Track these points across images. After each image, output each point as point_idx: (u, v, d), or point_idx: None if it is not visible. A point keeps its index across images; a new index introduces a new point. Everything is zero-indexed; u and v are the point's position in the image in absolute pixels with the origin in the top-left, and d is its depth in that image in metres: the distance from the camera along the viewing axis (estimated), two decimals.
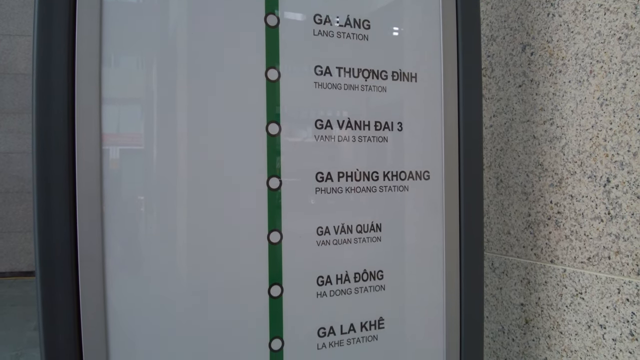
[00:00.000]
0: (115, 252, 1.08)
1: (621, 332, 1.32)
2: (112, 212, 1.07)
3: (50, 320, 1.04)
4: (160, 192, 1.12)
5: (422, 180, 1.34)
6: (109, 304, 1.07)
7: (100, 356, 1.07)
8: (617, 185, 1.33)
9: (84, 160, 1.04)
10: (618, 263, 1.33)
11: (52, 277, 1.04)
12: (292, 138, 1.21)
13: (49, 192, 1.03)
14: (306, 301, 1.24)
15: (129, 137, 1.11)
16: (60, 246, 1.03)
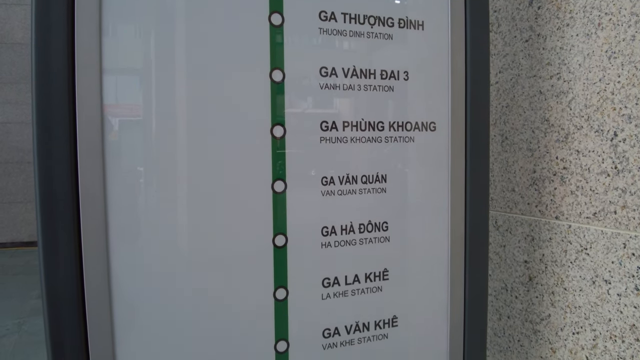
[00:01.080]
0: (118, 231, 1.07)
1: (626, 287, 1.32)
2: (114, 186, 1.06)
3: (54, 292, 1.04)
4: (161, 169, 1.11)
5: (428, 131, 1.33)
6: (113, 280, 1.07)
7: (104, 329, 1.07)
8: (624, 139, 1.31)
9: (85, 132, 1.02)
10: (624, 217, 1.32)
11: (55, 249, 1.03)
12: (295, 86, 1.19)
13: (50, 165, 1.01)
14: (311, 251, 1.24)
15: (129, 108, 1.10)
16: (63, 218, 1.02)
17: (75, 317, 1.05)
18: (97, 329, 1.07)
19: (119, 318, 1.08)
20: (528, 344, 1.63)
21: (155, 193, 1.11)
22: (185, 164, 1.12)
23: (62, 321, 1.05)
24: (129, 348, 1.10)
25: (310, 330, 1.26)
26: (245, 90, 1.15)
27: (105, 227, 1.05)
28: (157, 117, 1.10)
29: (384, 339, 1.34)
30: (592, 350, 1.42)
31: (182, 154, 1.12)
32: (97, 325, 1.06)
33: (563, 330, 1.50)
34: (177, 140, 1.11)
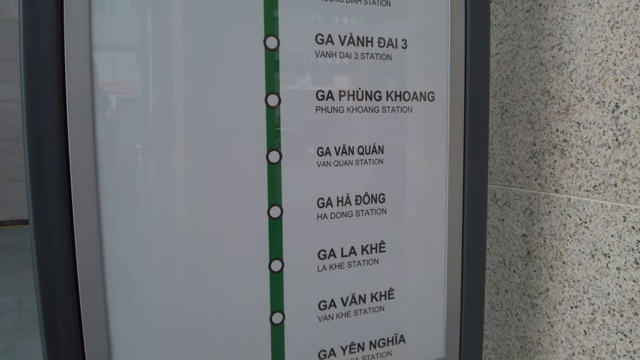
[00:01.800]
0: (111, 205, 1.06)
1: (626, 260, 1.31)
2: (106, 162, 1.04)
3: (46, 269, 1.03)
4: (153, 142, 1.09)
5: (426, 101, 1.31)
6: (106, 257, 1.06)
7: (98, 304, 1.06)
8: (626, 110, 1.29)
9: (76, 106, 1.00)
10: (624, 190, 1.31)
11: (46, 227, 1.02)
12: (290, 54, 1.17)
13: (39, 142, 1.00)
14: (306, 223, 1.23)
15: (121, 85, 1.08)
16: (54, 195, 1.01)
17: (69, 297, 1.04)
18: (90, 305, 1.06)
19: (111, 294, 1.08)
20: (526, 318, 1.63)
21: (147, 166, 1.10)
22: (177, 136, 1.10)
23: (55, 300, 1.04)
24: (123, 323, 1.09)
25: (306, 302, 1.26)
26: (239, 59, 1.12)
27: (97, 201, 1.04)
28: (150, 91, 1.08)
29: (380, 311, 1.34)
30: (590, 324, 1.42)
31: (174, 126, 1.10)
32: (90, 301, 1.06)
33: (561, 304, 1.50)
34: (170, 113, 1.09)
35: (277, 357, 1.24)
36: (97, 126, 1.02)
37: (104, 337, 1.08)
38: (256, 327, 1.21)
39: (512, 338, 1.69)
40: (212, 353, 1.18)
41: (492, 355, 1.77)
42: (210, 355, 1.18)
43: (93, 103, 1.01)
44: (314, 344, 1.28)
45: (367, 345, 1.34)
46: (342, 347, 1.31)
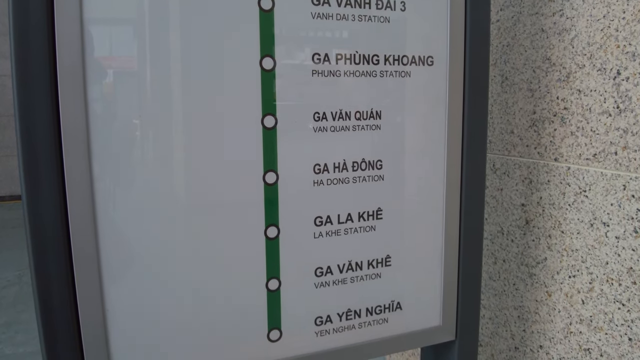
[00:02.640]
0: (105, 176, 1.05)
1: (625, 229, 1.31)
2: (98, 138, 1.03)
3: (39, 240, 1.03)
4: (147, 108, 1.08)
5: (425, 66, 1.29)
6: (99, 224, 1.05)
7: (92, 271, 1.06)
8: (627, 77, 1.28)
9: (67, 75, 0.98)
10: (625, 158, 1.30)
11: (38, 197, 1.01)
12: (284, 15, 1.15)
13: (32, 122, 0.98)
14: (303, 189, 1.23)
15: (118, 60, 1.06)
16: (46, 165, 1.00)
17: (63, 264, 1.04)
18: (84, 274, 1.06)
19: (105, 262, 1.08)
20: (523, 288, 1.63)
21: (141, 133, 1.08)
22: (172, 104, 1.09)
23: (49, 269, 1.03)
24: (118, 291, 1.10)
25: (302, 269, 1.26)
26: (232, 22, 1.10)
27: (90, 170, 1.03)
28: (147, 62, 1.06)
29: (377, 278, 1.34)
30: (588, 293, 1.42)
31: (168, 94, 1.08)
32: (84, 270, 1.06)
33: (559, 273, 1.50)
34: (163, 82, 1.08)
35: (273, 323, 1.24)
36: (89, 98, 1.01)
37: (98, 303, 1.07)
38: (252, 293, 1.21)
39: (510, 307, 1.69)
40: (208, 320, 1.18)
41: (489, 324, 1.78)
42: (206, 323, 1.18)
43: (84, 73, 0.99)
44: (311, 311, 1.28)
45: (363, 312, 1.34)
46: (339, 314, 1.31)
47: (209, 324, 1.18)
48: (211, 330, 1.19)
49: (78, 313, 1.06)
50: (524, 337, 1.65)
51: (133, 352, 1.13)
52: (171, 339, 1.16)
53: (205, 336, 1.19)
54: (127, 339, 1.12)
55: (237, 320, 1.21)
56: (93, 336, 1.08)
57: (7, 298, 4.96)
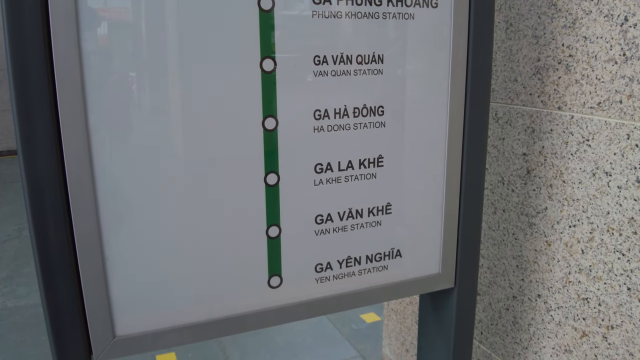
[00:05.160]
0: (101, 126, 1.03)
1: (627, 179, 1.31)
2: (94, 89, 1.01)
3: (36, 189, 1.02)
4: (144, 63, 1.06)
5: (429, 7, 1.26)
6: None
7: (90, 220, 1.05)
8: (635, 24, 1.25)
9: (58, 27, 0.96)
10: (630, 107, 1.28)
11: (33, 148, 1.00)
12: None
13: (25, 73, 0.96)
14: (303, 135, 1.22)
15: (113, 11, 1.04)
16: (41, 115, 0.98)
17: (61, 216, 1.03)
18: (83, 225, 1.05)
19: (104, 211, 1.07)
20: (523, 237, 1.64)
21: (137, 84, 1.07)
22: (167, 49, 1.07)
23: (47, 222, 1.03)
24: (117, 240, 1.10)
25: (302, 216, 1.26)
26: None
27: (85, 121, 1.01)
28: (141, 11, 1.04)
29: (377, 225, 1.35)
30: (588, 243, 1.43)
31: (165, 46, 1.06)
32: (83, 220, 1.05)
33: (559, 223, 1.51)
34: (160, 35, 1.06)
35: (274, 270, 1.25)
36: (83, 50, 0.98)
37: (97, 253, 1.08)
38: (252, 240, 1.22)
39: (508, 257, 1.70)
40: (208, 268, 1.19)
41: (488, 273, 1.79)
42: (207, 271, 1.19)
43: (78, 23, 0.97)
44: (311, 258, 1.30)
45: (363, 259, 1.35)
46: (339, 261, 1.32)
47: (209, 272, 1.20)
48: (211, 278, 1.20)
49: (78, 264, 1.07)
50: (522, 286, 1.66)
51: (133, 301, 1.14)
52: (171, 287, 1.17)
53: (206, 284, 1.20)
54: (126, 286, 1.12)
55: (238, 267, 1.22)
56: (93, 285, 1.08)
57: (8, 252, 5.03)
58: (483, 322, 1.84)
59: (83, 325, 1.09)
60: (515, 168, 1.64)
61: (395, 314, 2.40)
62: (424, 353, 1.62)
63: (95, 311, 1.09)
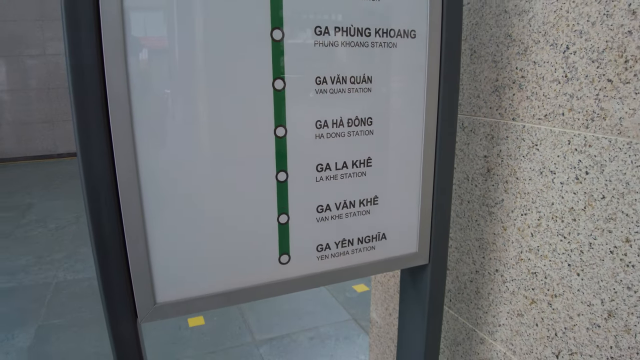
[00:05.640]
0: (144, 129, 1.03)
1: (568, 176, 1.30)
2: (138, 104, 1.01)
3: (93, 186, 1.01)
4: (181, 84, 1.05)
5: (409, 38, 1.25)
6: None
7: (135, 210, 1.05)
8: (574, 51, 1.25)
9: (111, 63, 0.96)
10: (570, 119, 1.28)
11: (90, 151, 0.99)
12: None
13: (84, 92, 0.96)
14: (306, 141, 1.21)
15: (153, 40, 1.03)
16: (96, 124, 0.98)
17: (112, 207, 1.03)
18: (130, 215, 1.05)
19: (147, 204, 1.06)
20: (484, 223, 1.64)
21: (172, 100, 1.06)
22: (197, 79, 1.06)
23: (102, 212, 1.03)
24: (158, 227, 1.09)
25: (306, 206, 1.25)
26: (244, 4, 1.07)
27: (132, 131, 1.01)
28: (175, 43, 1.03)
29: (366, 214, 1.34)
30: (536, 228, 1.43)
31: (195, 71, 1.05)
32: (130, 210, 1.05)
33: (513, 212, 1.51)
34: (191, 62, 1.05)
35: (283, 249, 1.25)
36: (130, 72, 0.98)
37: (142, 238, 1.08)
38: (266, 225, 1.21)
39: (472, 239, 1.71)
40: (232, 248, 1.19)
41: (455, 252, 1.80)
42: (230, 250, 1.19)
43: (125, 50, 0.96)
44: (313, 240, 1.29)
45: (355, 241, 1.35)
46: (336, 242, 1.32)
47: (232, 251, 1.19)
48: (233, 256, 1.20)
49: (126, 245, 1.07)
50: (483, 262, 1.66)
51: (170, 275, 1.14)
52: (200, 263, 1.16)
53: (228, 261, 1.19)
54: (165, 263, 1.12)
55: (255, 247, 1.22)
56: (138, 262, 1.08)
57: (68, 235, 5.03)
58: (451, 291, 1.84)
59: (130, 295, 1.09)
60: (477, 167, 1.63)
61: (380, 285, 2.40)
62: (404, 317, 1.62)
63: (140, 283, 1.10)
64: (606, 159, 1.19)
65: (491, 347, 1.67)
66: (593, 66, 1.20)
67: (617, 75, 1.15)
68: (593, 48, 1.20)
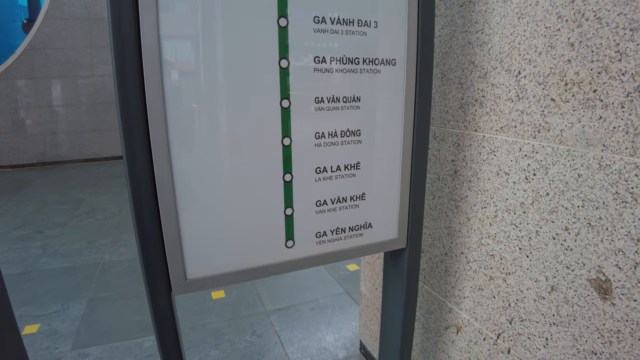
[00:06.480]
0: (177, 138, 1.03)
1: (519, 177, 1.32)
2: (172, 117, 1.01)
3: (136, 188, 1.01)
4: (205, 100, 1.05)
5: (390, 66, 1.26)
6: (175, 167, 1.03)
7: (170, 207, 1.05)
8: (525, 75, 1.26)
9: (150, 78, 0.97)
10: (521, 130, 1.29)
11: (134, 157, 0.99)
12: (295, 30, 1.10)
13: (129, 104, 0.97)
14: (308, 149, 1.21)
15: (182, 63, 1.03)
16: (138, 133, 0.99)
17: (151, 202, 1.04)
18: (166, 207, 1.05)
19: (180, 201, 1.07)
20: (451, 215, 1.65)
21: (198, 114, 1.05)
22: (219, 98, 1.05)
23: (143, 206, 1.03)
24: (187, 214, 1.09)
25: (307, 201, 1.25)
26: (257, 34, 1.06)
27: (167, 138, 1.02)
28: (200, 66, 1.02)
29: (356, 207, 1.34)
30: (493, 219, 1.44)
31: (217, 92, 1.04)
32: (165, 204, 1.05)
33: (475, 205, 1.51)
34: (214, 84, 1.04)
35: (289, 236, 1.25)
36: (165, 89, 0.99)
37: (175, 227, 1.08)
38: (275, 217, 1.21)
39: (442, 227, 1.71)
40: (247, 234, 1.19)
41: (428, 238, 1.80)
42: (245, 235, 1.18)
43: (162, 72, 0.97)
44: (313, 228, 1.29)
45: (347, 229, 1.35)
46: (331, 230, 1.32)
47: (248, 237, 1.19)
48: (249, 241, 1.19)
49: (162, 232, 1.07)
50: (451, 247, 1.67)
51: (198, 256, 1.13)
52: (222, 247, 1.16)
53: (245, 245, 1.19)
54: (194, 246, 1.12)
55: (266, 234, 1.22)
56: (173, 246, 1.09)
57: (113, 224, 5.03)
58: (426, 270, 1.84)
59: (166, 273, 1.10)
60: (447, 169, 1.64)
61: (368, 265, 2.41)
62: (387, 290, 1.62)
63: (174, 263, 1.10)
64: (550, 163, 1.21)
65: (458, 315, 1.68)
66: (539, 88, 1.22)
67: (558, 95, 1.16)
68: (539, 73, 1.21)
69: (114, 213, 5.33)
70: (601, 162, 1.07)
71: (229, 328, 2.85)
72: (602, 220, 1.09)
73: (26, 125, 7.78)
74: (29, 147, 7.89)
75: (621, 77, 1.02)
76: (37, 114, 7.77)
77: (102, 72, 7.95)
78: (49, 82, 7.69)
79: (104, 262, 3.90)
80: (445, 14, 1.56)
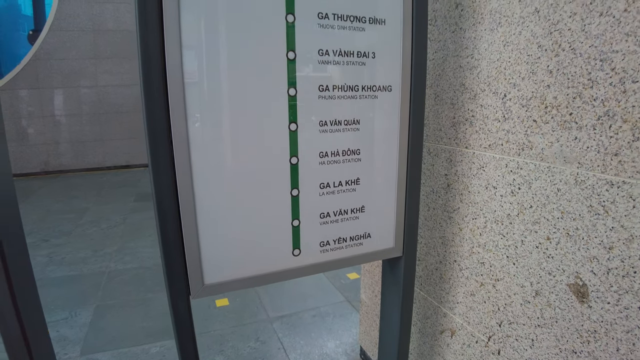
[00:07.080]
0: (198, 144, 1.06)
1: (505, 190, 1.37)
2: (196, 147, 1.04)
3: (161, 201, 1.03)
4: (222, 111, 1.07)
5: (386, 92, 1.32)
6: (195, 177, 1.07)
7: (190, 215, 1.08)
8: (510, 98, 1.33)
9: (173, 87, 1.00)
10: (507, 148, 1.35)
11: (160, 173, 1.02)
12: (300, 60, 1.14)
13: (153, 114, 0.99)
14: (312, 166, 1.25)
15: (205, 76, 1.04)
16: (162, 138, 1.02)
17: (174, 211, 1.08)
18: (187, 217, 1.09)
19: (200, 212, 1.10)
20: (445, 225, 1.69)
21: (223, 142, 1.08)
22: (235, 120, 1.08)
23: (167, 217, 1.07)
24: (206, 223, 1.12)
25: (312, 214, 1.29)
26: (267, 68, 1.11)
27: (189, 156, 1.05)
28: (225, 85, 1.05)
29: (356, 219, 1.38)
30: (483, 229, 1.49)
31: (236, 119, 1.07)
32: (186, 214, 1.09)
33: (467, 217, 1.56)
34: (234, 111, 1.07)
35: (296, 245, 1.28)
36: (188, 116, 1.02)
37: (195, 236, 1.11)
38: (283, 228, 1.25)
39: (436, 237, 1.74)
40: (257, 243, 1.22)
41: (424, 247, 1.83)
42: (256, 244, 1.21)
43: (184, 85, 0.99)
44: (317, 238, 1.31)
45: (348, 239, 1.38)
46: (334, 240, 1.35)
47: (258, 246, 1.21)
48: (260, 250, 1.21)
49: (183, 241, 1.10)
50: (445, 255, 1.69)
51: (214, 265, 1.15)
52: (234, 257, 1.18)
53: (256, 253, 1.21)
54: (210, 256, 1.15)
55: (275, 243, 1.24)
56: (192, 254, 1.13)
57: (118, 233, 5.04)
58: (422, 277, 1.85)
59: (185, 278, 1.13)
60: (440, 183, 1.68)
61: (368, 273, 2.38)
62: (385, 296, 1.62)
63: (193, 270, 1.13)
64: (533, 179, 1.27)
65: (452, 319, 1.71)
66: (523, 109, 1.28)
67: (539, 117, 1.23)
68: (523, 96, 1.28)
69: (119, 222, 5.34)
70: (577, 178, 1.14)
71: (233, 335, 2.87)
72: (578, 230, 1.15)
73: (30, 135, 7.86)
74: (33, 156, 7.97)
75: (593, 102, 1.10)
76: (41, 124, 7.86)
77: (105, 82, 8.04)
78: (53, 92, 7.80)
79: (110, 270, 3.93)
80: (439, 38, 1.63)
